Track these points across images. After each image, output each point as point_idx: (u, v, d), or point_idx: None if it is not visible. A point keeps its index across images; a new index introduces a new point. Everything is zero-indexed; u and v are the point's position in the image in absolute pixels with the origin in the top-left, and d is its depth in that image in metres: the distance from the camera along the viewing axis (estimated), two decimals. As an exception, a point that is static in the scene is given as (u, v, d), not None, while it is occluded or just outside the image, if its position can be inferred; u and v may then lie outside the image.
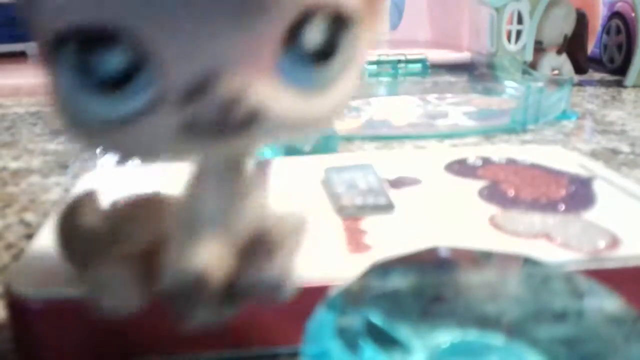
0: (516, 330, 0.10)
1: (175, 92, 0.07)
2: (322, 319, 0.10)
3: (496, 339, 0.10)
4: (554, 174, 0.22)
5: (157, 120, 0.08)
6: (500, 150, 0.26)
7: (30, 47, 0.62)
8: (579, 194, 0.20)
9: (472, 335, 0.10)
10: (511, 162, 0.24)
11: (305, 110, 0.08)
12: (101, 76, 0.07)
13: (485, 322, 0.11)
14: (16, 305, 0.15)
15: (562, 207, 0.19)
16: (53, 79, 0.08)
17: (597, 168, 0.23)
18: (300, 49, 0.08)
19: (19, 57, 0.73)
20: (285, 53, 0.08)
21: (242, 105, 0.07)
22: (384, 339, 0.10)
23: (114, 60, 0.07)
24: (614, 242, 0.17)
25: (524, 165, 0.23)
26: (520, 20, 0.56)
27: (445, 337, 0.10)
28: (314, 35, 0.08)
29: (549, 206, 0.19)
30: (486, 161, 0.24)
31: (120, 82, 0.07)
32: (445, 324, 0.11)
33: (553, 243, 0.17)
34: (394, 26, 0.85)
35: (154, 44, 0.07)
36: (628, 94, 0.54)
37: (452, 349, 0.10)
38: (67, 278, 0.15)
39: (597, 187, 0.21)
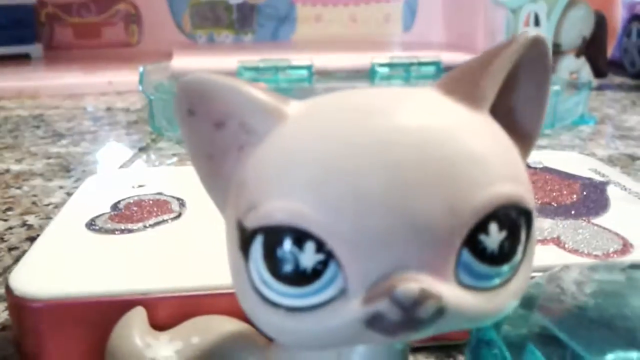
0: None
1: (359, 290, 0.08)
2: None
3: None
4: (566, 179, 0.22)
5: (342, 313, 0.08)
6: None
7: (34, 49, 0.63)
8: (592, 199, 0.20)
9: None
10: (522, 166, 0.23)
11: (485, 305, 0.08)
12: (291, 270, 0.08)
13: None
14: (17, 305, 0.15)
15: (573, 212, 0.19)
16: (243, 264, 0.09)
17: (611, 173, 0.22)
18: (479, 252, 0.08)
19: (22, 59, 0.74)
20: (464, 254, 0.08)
21: (428, 303, 0.08)
22: (551, 345, 0.10)
23: (304, 257, 0.08)
24: (625, 247, 0.16)
25: (536, 170, 0.23)
26: (537, 22, 0.56)
27: (613, 355, 0.10)
28: (492, 240, 0.08)
29: (560, 211, 0.19)
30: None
31: (310, 276, 0.08)
32: (614, 343, 0.10)
33: (563, 248, 0.16)
34: (407, 27, 0.85)
35: (340, 248, 0.08)
36: (648, 99, 0.53)
37: None
38: (68, 278, 0.15)
39: (611, 192, 0.20)
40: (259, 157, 0.09)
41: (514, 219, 0.08)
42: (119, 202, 0.20)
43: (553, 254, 0.16)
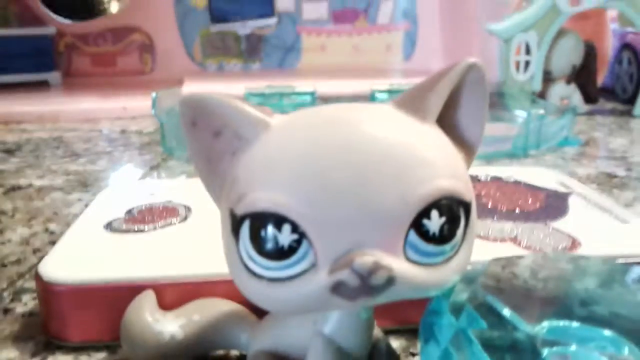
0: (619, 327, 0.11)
1: (326, 263, 0.10)
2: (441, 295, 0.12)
3: (597, 332, 0.11)
4: (533, 190, 0.24)
5: (312, 282, 0.10)
6: (490, 170, 0.28)
7: (53, 77, 0.66)
8: (553, 206, 0.22)
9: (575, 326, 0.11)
10: (496, 180, 0.25)
11: (429, 278, 0.11)
12: (272, 247, 0.10)
13: (591, 319, 0.11)
14: (45, 289, 0.17)
15: (534, 216, 0.21)
16: (234, 244, 0.11)
17: (576, 186, 0.25)
18: (423, 234, 0.10)
19: (42, 85, 0.77)
20: (411, 235, 0.10)
21: (380, 273, 0.10)
22: (485, 310, 0.12)
23: (281, 237, 0.10)
24: (574, 244, 0.18)
25: (507, 182, 0.25)
26: (528, 51, 0.58)
27: (547, 323, 0.11)
28: (434, 224, 0.10)
29: (522, 216, 0.21)
30: (473, 179, 0.26)
31: (286, 252, 0.10)
32: (551, 316, 0.12)
33: (518, 246, 0.18)
34: (408, 56, 0.88)
35: (311, 230, 0.10)
36: (636, 123, 0.55)
37: (549, 332, 0.11)
38: (88, 267, 0.17)
39: (572, 201, 0.23)
40: (248, 158, 0.11)
41: (453, 208, 0.11)
42: (132, 208, 0.22)
43: (509, 250, 0.18)
